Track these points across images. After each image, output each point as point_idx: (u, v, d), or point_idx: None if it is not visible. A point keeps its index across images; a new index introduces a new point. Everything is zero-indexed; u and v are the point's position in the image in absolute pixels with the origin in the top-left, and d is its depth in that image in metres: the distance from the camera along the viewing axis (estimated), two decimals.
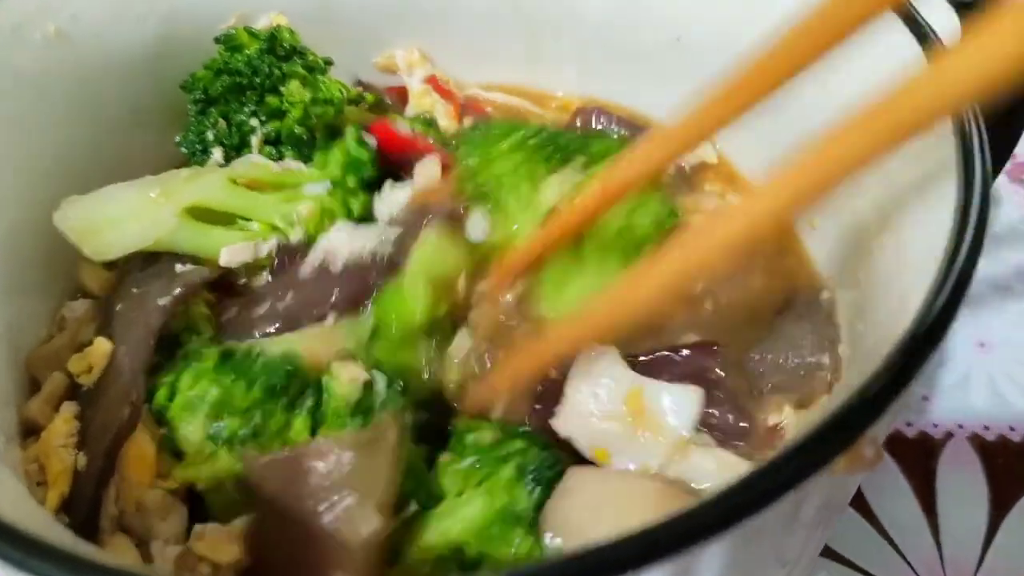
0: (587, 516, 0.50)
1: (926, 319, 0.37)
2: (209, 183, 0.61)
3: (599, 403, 0.53)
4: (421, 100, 0.77)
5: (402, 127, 0.70)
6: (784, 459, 0.33)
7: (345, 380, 0.51)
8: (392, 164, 0.69)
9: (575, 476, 0.51)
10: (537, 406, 0.56)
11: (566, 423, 0.54)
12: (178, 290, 0.55)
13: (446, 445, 0.53)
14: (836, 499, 0.43)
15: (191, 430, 0.50)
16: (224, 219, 0.62)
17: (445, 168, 0.69)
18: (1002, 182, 0.95)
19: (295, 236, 0.62)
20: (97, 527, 0.50)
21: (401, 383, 0.53)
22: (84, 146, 0.66)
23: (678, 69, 0.74)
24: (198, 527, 0.49)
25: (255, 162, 0.64)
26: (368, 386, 0.51)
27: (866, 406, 0.34)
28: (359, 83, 0.80)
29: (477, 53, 0.81)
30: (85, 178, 0.64)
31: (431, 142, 0.70)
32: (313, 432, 0.51)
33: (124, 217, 0.58)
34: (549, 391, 0.56)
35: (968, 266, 0.39)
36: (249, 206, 0.62)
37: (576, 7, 0.76)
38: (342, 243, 0.61)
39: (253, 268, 0.62)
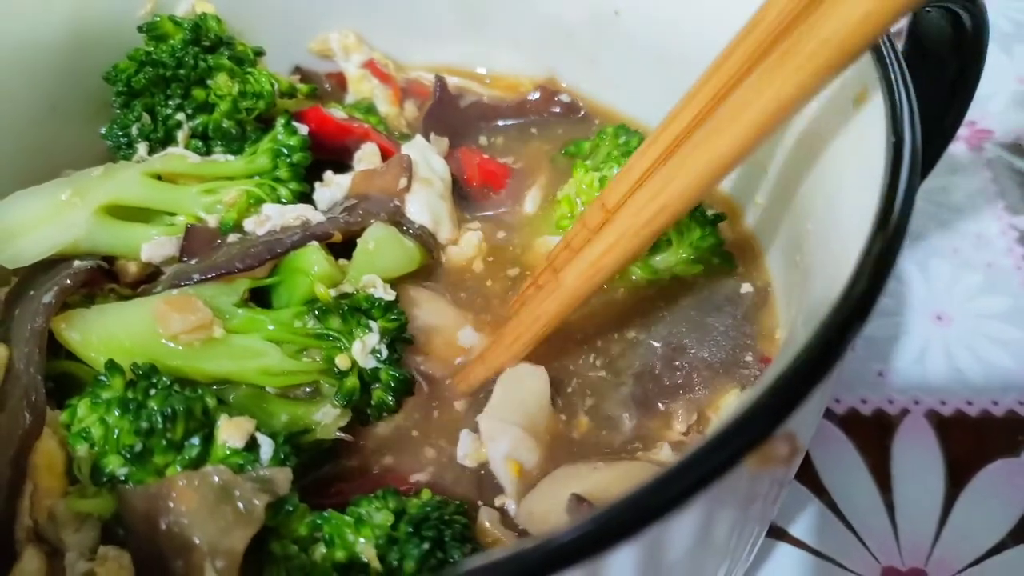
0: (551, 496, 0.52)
1: (831, 326, 0.35)
2: (123, 180, 0.59)
3: (524, 416, 0.54)
4: (359, 85, 0.75)
5: (336, 112, 0.68)
6: (683, 467, 0.31)
7: (226, 438, 0.49)
8: (330, 153, 0.67)
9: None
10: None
11: (491, 426, 0.54)
12: (62, 284, 0.53)
13: None
14: (760, 492, 0.41)
15: (81, 460, 0.49)
16: (144, 215, 0.60)
17: (385, 153, 0.67)
18: (961, 150, 0.94)
19: (212, 222, 0.60)
20: (13, 539, 0.49)
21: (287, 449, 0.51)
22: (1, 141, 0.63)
23: (617, 42, 0.72)
24: (102, 549, 0.48)
25: (173, 155, 0.61)
26: (253, 444, 0.49)
27: (772, 407, 0.32)
28: (297, 69, 0.78)
29: (415, 32, 0.78)
30: (3, 176, 0.62)
31: (367, 127, 0.68)
32: None
33: (36, 222, 0.57)
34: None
35: (886, 262, 0.37)
36: (170, 200, 0.60)
37: None
38: (271, 217, 0.60)
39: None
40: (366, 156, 0.67)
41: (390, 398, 0.56)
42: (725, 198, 0.68)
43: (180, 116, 0.63)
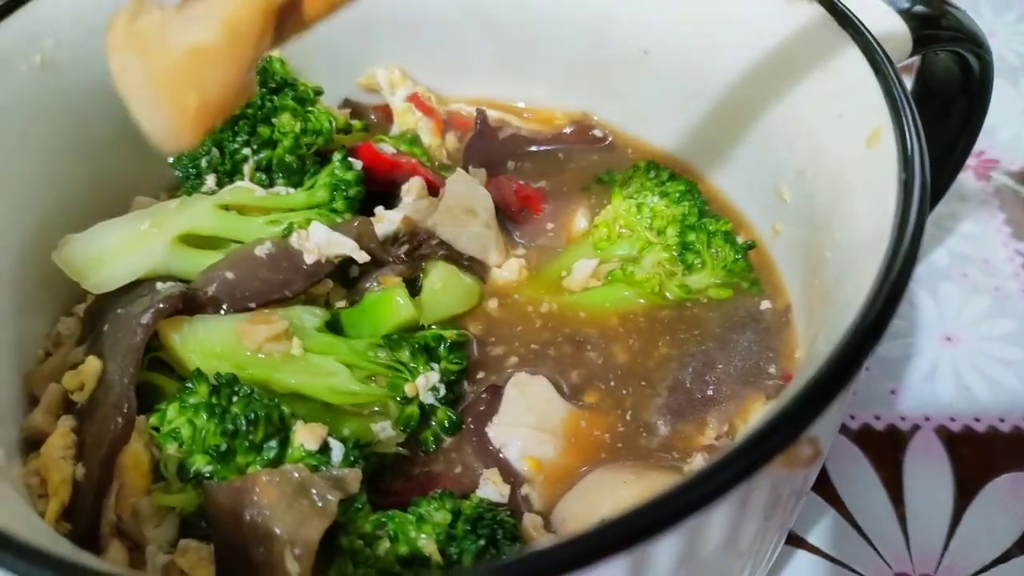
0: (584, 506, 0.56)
1: (851, 342, 0.40)
2: (198, 212, 0.64)
3: (534, 416, 0.59)
4: (404, 118, 0.80)
5: (386, 148, 0.73)
6: (721, 464, 0.36)
7: (302, 441, 0.54)
8: (380, 185, 0.71)
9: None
10: (470, 421, 0.62)
11: (500, 432, 0.60)
12: (157, 307, 0.58)
13: None
14: (784, 493, 0.46)
15: (169, 459, 0.54)
16: (215, 243, 0.64)
17: (431, 187, 0.72)
18: (969, 179, 0.98)
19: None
20: (98, 534, 0.54)
21: (356, 453, 0.55)
22: (75, 171, 0.68)
23: (646, 79, 0.77)
24: (183, 542, 0.53)
25: (241, 188, 0.66)
26: (325, 448, 0.54)
27: (795, 414, 0.37)
28: (347, 102, 0.84)
29: (455, 68, 0.83)
30: (79, 201, 0.68)
31: (415, 162, 0.73)
32: None
33: (119, 251, 0.61)
34: (489, 406, 0.61)
35: (899, 286, 0.41)
36: (238, 229, 0.64)
37: (546, 21, 0.79)
38: (319, 239, 0.63)
39: None
40: (413, 188, 0.71)
41: (437, 437, 0.61)
42: (748, 224, 0.73)
43: (246, 151, 0.68)
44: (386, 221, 0.67)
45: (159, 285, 0.61)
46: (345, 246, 0.63)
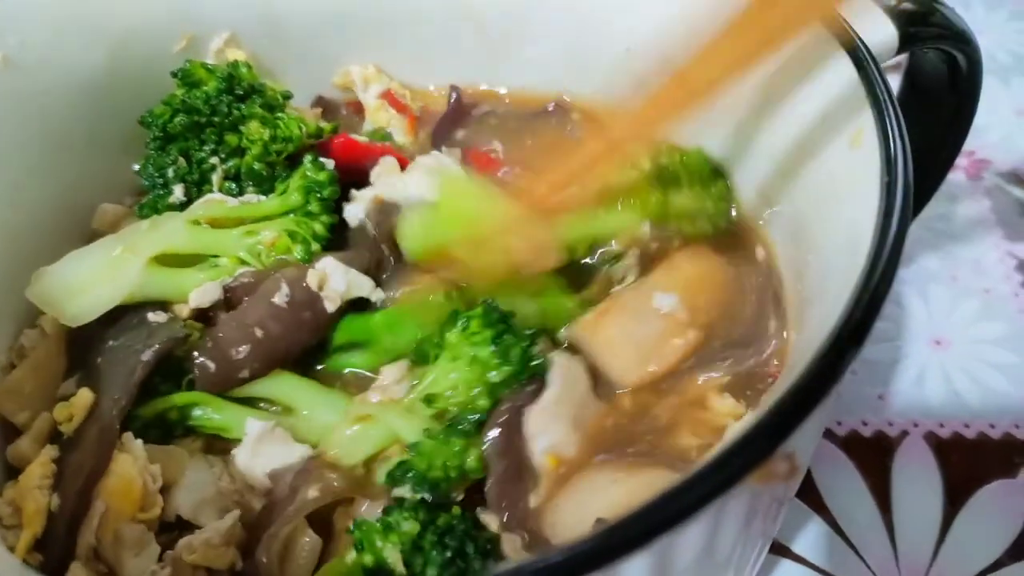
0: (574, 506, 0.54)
1: (829, 352, 0.38)
2: (170, 230, 0.62)
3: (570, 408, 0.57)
4: (376, 115, 0.78)
5: (360, 138, 0.71)
6: (693, 481, 0.34)
7: None
8: (353, 175, 0.69)
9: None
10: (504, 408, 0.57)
11: (540, 420, 0.56)
12: (158, 345, 0.57)
13: None
14: (764, 503, 0.44)
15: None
16: (191, 260, 0.62)
17: (402, 164, 0.70)
18: (960, 179, 0.97)
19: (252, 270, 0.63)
20: (68, 565, 0.52)
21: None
22: (40, 173, 0.66)
23: (625, 76, 0.75)
24: (184, 540, 0.51)
25: (213, 200, 0.64)
26: None
27: (771, 429, 0.35)
28: (320, 99, 0.82)
29: (434, 62, 0.81)
30: (41, 204, 0.66)
31: (388, 145, 0.71)
32: None
33: (93, 280, 0.59)
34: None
35: (879, 294, 0.40)
36: (214, 244, 0.62)
37: (525, 15, 0.77)
38: (337, 284, 0.61)
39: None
40: (385, 169, 0.68)
41: None
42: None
43: (214, 160, 0.66)
44: (359, 200, 0.65)
45: (150, 316, 0.59)
46: (363, 288, 0.62)
